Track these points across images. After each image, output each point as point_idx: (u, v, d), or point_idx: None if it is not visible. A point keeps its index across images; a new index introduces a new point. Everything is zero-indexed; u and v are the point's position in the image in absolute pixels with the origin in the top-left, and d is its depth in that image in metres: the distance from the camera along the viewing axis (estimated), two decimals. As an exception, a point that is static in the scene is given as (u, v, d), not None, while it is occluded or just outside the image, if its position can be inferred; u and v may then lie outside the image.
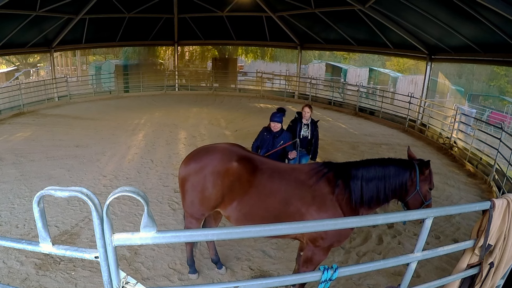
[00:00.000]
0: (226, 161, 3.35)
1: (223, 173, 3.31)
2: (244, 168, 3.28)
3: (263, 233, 1.80)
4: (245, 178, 3.25)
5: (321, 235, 3.11)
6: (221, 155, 3.41)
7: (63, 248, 1.53)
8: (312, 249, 3.22)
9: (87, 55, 28.34)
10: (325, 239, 3.13)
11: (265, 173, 3.27)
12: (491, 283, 2.37)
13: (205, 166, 3.39)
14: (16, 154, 8.14)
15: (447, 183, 7.39)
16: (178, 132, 10.62)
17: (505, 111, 20.30)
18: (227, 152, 3.44)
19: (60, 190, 1.39)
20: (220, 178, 3.32)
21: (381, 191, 3.01)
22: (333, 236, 3.13)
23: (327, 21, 13.74)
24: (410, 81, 23.55)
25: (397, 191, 3.03)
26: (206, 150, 3.58)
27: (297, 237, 3.41)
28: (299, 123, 5.63)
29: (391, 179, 2.98)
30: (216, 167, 3.35)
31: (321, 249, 3.21)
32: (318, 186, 3.12)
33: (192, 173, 3.43)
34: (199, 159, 3.47)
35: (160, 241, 1.60)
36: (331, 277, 1.99)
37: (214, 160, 3.40)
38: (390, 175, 2.98)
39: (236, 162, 3.30)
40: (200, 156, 3.51)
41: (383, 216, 1.99)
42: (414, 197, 3.02)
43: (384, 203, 3.10)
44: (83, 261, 4.18)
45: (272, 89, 19.71)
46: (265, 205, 3.20)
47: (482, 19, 7.67)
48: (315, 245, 3.18)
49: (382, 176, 2.99)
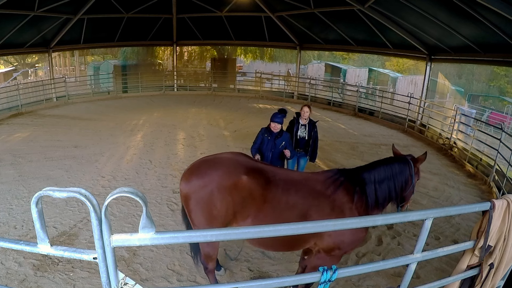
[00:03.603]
0: (234, 175, 3.07)
1: (231, 188, 3.03)
2: (256, 182, 3.04)
3: (262, 233, 1.79)
4: (258, 193, 3.03)
5: (338, 245, 3.02)
6: (227, 168, 3.12)
7: (62, 249, 1.52)
8: (323, 257, 3.11)
9: (86, 55, 28.28)
10: (342, 249, 3.07)
11: (279, 186, 3.07)
12: (491, 284, 2.36)
13: (210, 182, 3.07)
14: (14, 154, 8.12)
15: (447, 184, 7.40)
16: (177, 133, 10.61)
17: (505, 111, 20.34)
18: (233, 164, 3.17)
19: (59, 191, 1.38)
20: (229, 194, 3.03)
21: (392, 190, 3.09)
22: (349, 245, 3.08)
23: (326, 21, 13.75)
24: (409, 81, 23.57)
25: (402, 187, 3.13)
26: (208, 163, 3.25)
27: (310, 248, 3.22)
28: (297, 124, 5.62)
29: (398, 177, 3.08)
30: (223, 182, 3.05)
31: (335, 257, 3.14)
32: (337, 195, 3.04)
33: (196, 190, 3.10)
34: (202, 174, 3.14)
35: (158, 242, 1.59)
36: (330, 278, 1.98)
37: (220, 174, 3.09)
38: (396, 174, 3.08)
39: (245, 175, 3.05)
40: (203, 170, 3.17)
41: (383, 217, 1.98)
42: (410, 191, 3.19)
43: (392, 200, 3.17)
44: (82, 262, 4.16)
45: (271, 89, 19.73)
46: (282, 220, 2.94)
47: (482, 19, 7.68)
48: (329, 254, 3.09)
49: (391, 176, 3.07)
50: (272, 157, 5.01)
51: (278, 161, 5.12)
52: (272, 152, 4.99)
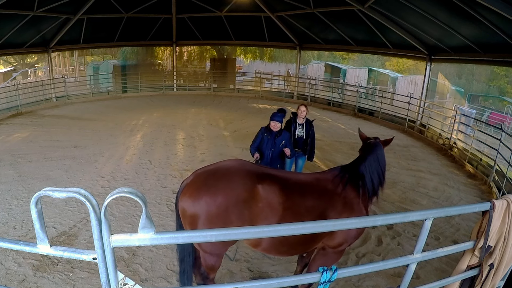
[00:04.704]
0: (249, 186, 2.86)
1: (249, 200, 2.83)
2: (272, 190, 2.90)
3: (262, 234, 1.79)
4: (275, 201, 2.90)
5: (346, 240, 3.07)
6: (239, 179, 2.90)
7: (61, 249, 1.52)
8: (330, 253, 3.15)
9: (85, 55, 28.27)
10: (348, 242, 3.14)
11: (294, 190, 3.00)
12: (491, 284, 2.36)
13: (225, 197, 2.80)
14: (14, 155, 8.11)
15: (447, 184, 7.39)
16: (177, 133, 10.60)
17: (505, 111, 20.37)
18: (243, 173, 2.95)
19: (58, 191, 1.38)
20: (247, 207, 2.83)
21: (381, 175, 3.28)
22: (354, 238, 3.15)
23: (326, 21, 13.76)
24: (409, 81, 23.58)
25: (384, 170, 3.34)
26: (215, 175, 2.94)
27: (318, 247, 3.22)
28: (294, 124, 5.64)
29: (381, 162, 3.30)
30: (240, 195, 2.82)
31: (341, 252, 3.22)
32: (346, 192, 3.12)
33: (208, 208, 2.80)
34: (212, 189, 2.83)
35: (158, 242, 1.59)
36: (330, 279, 1.98)
37: (233, 186, 2.85)
38: (379, 159, 3.29)
39: (260, 184, 2.89)
40: (211, 184, 2.87)
41: (383, 217, 1.98)
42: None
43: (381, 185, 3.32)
44: (81, 262, 4.16)
45: (271, 89, 19.72)
46: None
47: (482, 19, 7.69)
48: (337, 249, 3.14)
49: (378, 163, 3.27)
50: (272, 156, 5.04)
51: (278, 160, 5.14)
52: (272, 151, 5.02)
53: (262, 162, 5.01)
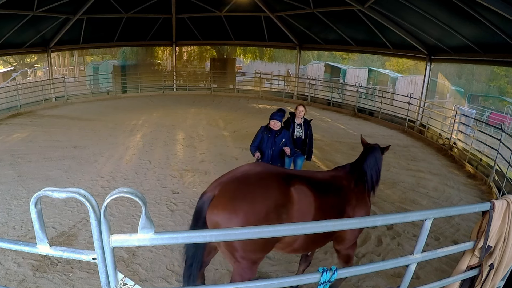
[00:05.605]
0: (284, 189, 2.85)
1: (286, 204, 2.81)
2: (303, 192, 2.93)
3: (262, 234, 1.78)
4: (308, 202, 2.93)
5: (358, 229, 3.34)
6: (274, 183, 2.85)
7: (61, 249, 1.51)
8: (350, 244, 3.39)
9: (85, 55, 28.28)
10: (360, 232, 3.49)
11: (320, 190, 3.06)
12: (491, 284, 2.36)
13: (264, 204, 2.72)
14: (13, 155, 8.10)
15: (447, 184, 7.39)
16: (176, 133, 10.60)
17: (505, 111, 20.39)
18: (274, 177, 2.92)
19: (58, 191, 1.37)
20: (285, 212, 2.80)
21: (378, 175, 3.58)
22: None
23: (326, 21, 13.76)
24: (409, 81, 23.58)
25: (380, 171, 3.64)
26: (249, 182, 2.84)
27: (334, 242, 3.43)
28: (292, 124, 5.66)
29: (378, 163, 3.60)
30: (278, 200, 2.78)
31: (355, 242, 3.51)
32: (358, 188, 3.37)
33: (248, 217, 2.66)
34: (250, 198, 2.72)
35: (158, 242, 1.59)
36: (330, 279, 1.97)
37: (271, 192, 2.79)
38: (377, 161, 3.59)
39: (291, 187, 2.89)
40: (248, 192, 2.76)
41: (382, 217, 1.98)
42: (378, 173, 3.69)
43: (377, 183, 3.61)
44: (81, 262, 4.15)
45: (271, 89, 19.72)
46: None
47: (482, 19, 7.68)
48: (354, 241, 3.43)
49: (376, 164, 3.56)
50: (273, 155, 5.06)
51: (278, 159, 5.15)
52: (273, 150, 5.04)
53: (263, 161, 5.02)
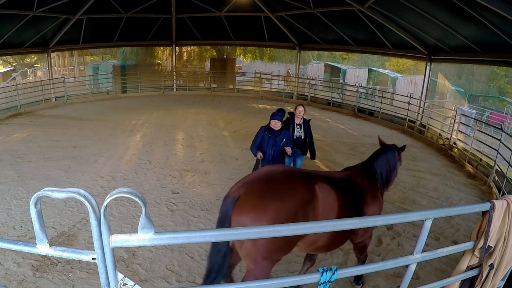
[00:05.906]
0: (309, 187, 2.91)
1: (313, 201, 2.88)
2: (326, 190, 2.99)
3: (261, 234, 1.79)
4: (332, 200, 2.99)
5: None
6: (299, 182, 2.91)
7: (61, 249, 1.52)
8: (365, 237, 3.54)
9: (85, 55, 28.27)
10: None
11: (340, 188, 3.11)
12: (491, 284, 2.36)
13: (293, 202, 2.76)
14: (13, 155, 8.10)
15: (447, 184, 7.39)
16: (176, 133, 10.60)
17: (505, 111, 20.39)
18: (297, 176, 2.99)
19: (57, 191, 1.37)
20: (311, 209, 2.86)
21: (389, 173, 3.71)
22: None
23: (326, 21, 13.75)
24: (409, 81, 23.58)
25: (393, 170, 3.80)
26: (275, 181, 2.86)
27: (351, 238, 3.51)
28: (292, 124, 5.66)
29: (391, 162, 3.75)
30: (305, 197, 2.83)
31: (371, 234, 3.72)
32: (371, 186, 3.50)
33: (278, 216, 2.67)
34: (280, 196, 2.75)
35: (158, 242, 1.59)
36: (330, 279, 1.97)
37: (298, 190, 2.84)
38: (389, 160, 3.74)
39: (315, 185, 2.95)
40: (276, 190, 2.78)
41: (382, 217, 1.98)
42: (394, 174, 3.88)
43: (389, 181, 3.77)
44: (81, 262, 4.15)
45: (271, 89, 19.72)
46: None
47: (482, 19, 7.68)
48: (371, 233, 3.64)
49: (387, 162, 3.70)
50: (274, 155, 5.06)
51: (278, 159, 5.16)
52: (274, 150, 5.05)
53: (264, 161, 5.03)
